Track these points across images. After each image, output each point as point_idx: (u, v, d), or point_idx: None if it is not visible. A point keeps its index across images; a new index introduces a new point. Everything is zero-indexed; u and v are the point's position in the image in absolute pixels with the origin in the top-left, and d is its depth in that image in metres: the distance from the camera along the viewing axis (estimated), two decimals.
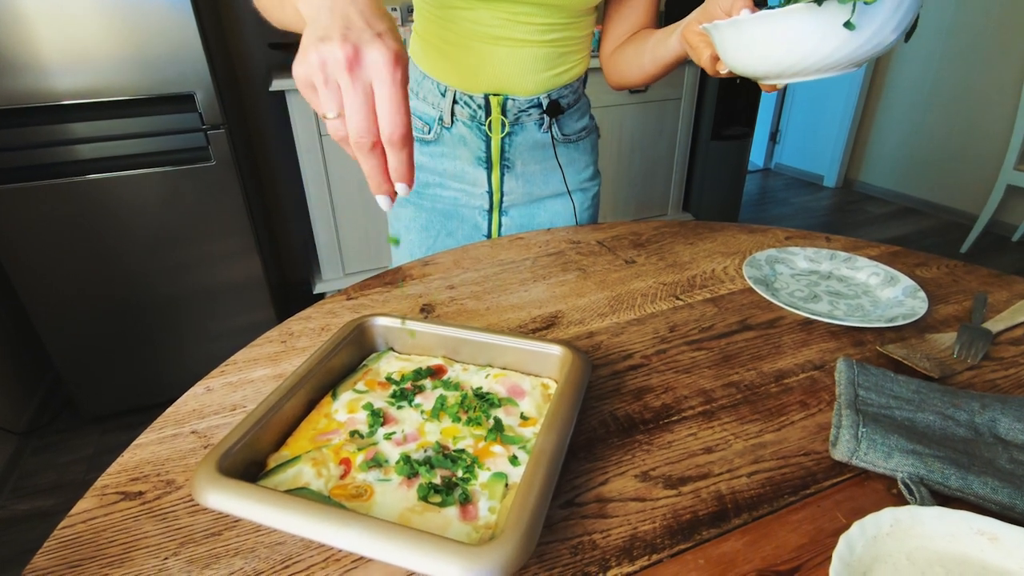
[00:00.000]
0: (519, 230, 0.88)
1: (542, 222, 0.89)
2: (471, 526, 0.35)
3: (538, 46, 0.74)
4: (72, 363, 1.64)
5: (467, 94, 0.77)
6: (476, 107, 0.78)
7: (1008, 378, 0.51)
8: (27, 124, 1.39)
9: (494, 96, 0.77)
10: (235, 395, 0.50)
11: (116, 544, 0.36)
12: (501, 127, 0.79)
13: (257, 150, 2.27)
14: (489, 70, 0.75)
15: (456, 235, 0.88)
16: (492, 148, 0.80)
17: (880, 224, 3.17)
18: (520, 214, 0.87)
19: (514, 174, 0.83)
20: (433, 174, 0.84)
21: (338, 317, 0.62)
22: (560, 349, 0.47)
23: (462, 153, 0.81)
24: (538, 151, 0.83)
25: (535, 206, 0.88)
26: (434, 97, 0.79)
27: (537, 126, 0.81)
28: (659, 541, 0.36)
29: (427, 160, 0.83)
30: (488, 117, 0.78)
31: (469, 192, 0.84)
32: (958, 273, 0.69)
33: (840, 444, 0.41)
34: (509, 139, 0.80)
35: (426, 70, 0.79)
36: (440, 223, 0.87)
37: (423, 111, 0.81)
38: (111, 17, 1.37)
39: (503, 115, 0.78)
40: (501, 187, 0.84)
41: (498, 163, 0.82)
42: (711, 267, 0.72)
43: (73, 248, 1.52)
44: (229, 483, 0.34)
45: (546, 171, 0.86)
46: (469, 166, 0.82)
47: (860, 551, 0.31)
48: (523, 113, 0.79)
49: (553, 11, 0.72)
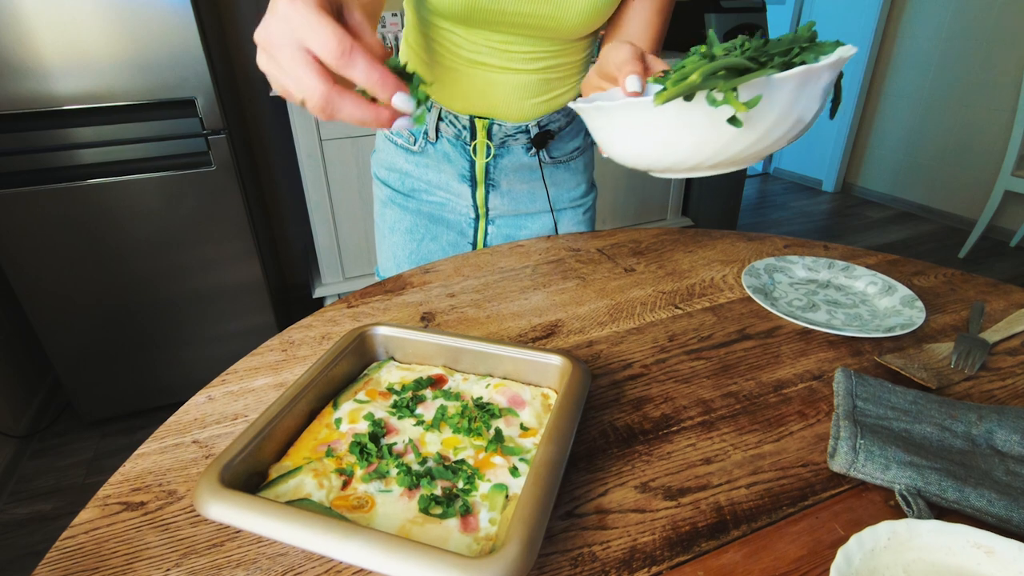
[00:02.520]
0: (505, 240, 0.86)
1: (528, 235, 0.87)
2: (472, 537, 0.35)
3: (526, 74, 0.71)
4: (72, 366, 1.64)
5: (453, 113, 0.75)
6: (461, 127, 0.75)
7: (1005, 388, 0.51)
8: (29, 129, 1.39)
9: (480, 119, 0.74)
10: (236, 404, 0.50)
11: (118, 555, 0.37)
12: (487, 151, 0.76)
13: (258, 155, 2.27)
14: (474, 94, 0.72)
15: (440, 240, 0.85)
16: (476, 169, 0.78)
17: (879, 229, 3.17)
18: (507, 224, 0.85)
19: (499, 192, 0.81)
20: (420, 180, 0.82)
21: (339, 325, 0.63)
22: (560, 359, 0.48)
23: (446, 168, 0.79)
24: (525, 172, 0.81)
25: (522, 218, 0.86)
26: None
27: (524, 150, 0.78)
28: (659, 553, 0.36)
29: (412, 168, 0.81)
30: (473, 140, 0.76)
31: (455, 201, 0.83)
32: (955, 282, 0.70)
33: (838, 455, 0.41)
34: (495, 161, 0.78)
35: None
36: (425, 227, 0.85)
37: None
38: (112, 22, 1.37)
39: (488, 139, 0.75)
40: (486, 203, 0.82)
41: (482, 182, 0.79)
42: (710, 276, 0.72)
43: (74, 252, 1.52)
44: (231, 495, 0.34)
45: (533, 191, 0.83)
46: (454, 181, 0.80)
47: (858, 564, 0.32)
48: (509, 137, 0.76)
49: (539, 41, 0.68)
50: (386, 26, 2.09)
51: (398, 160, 0.81)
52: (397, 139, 0.79)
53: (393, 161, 0.82)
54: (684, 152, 0.40)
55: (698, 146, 0.39)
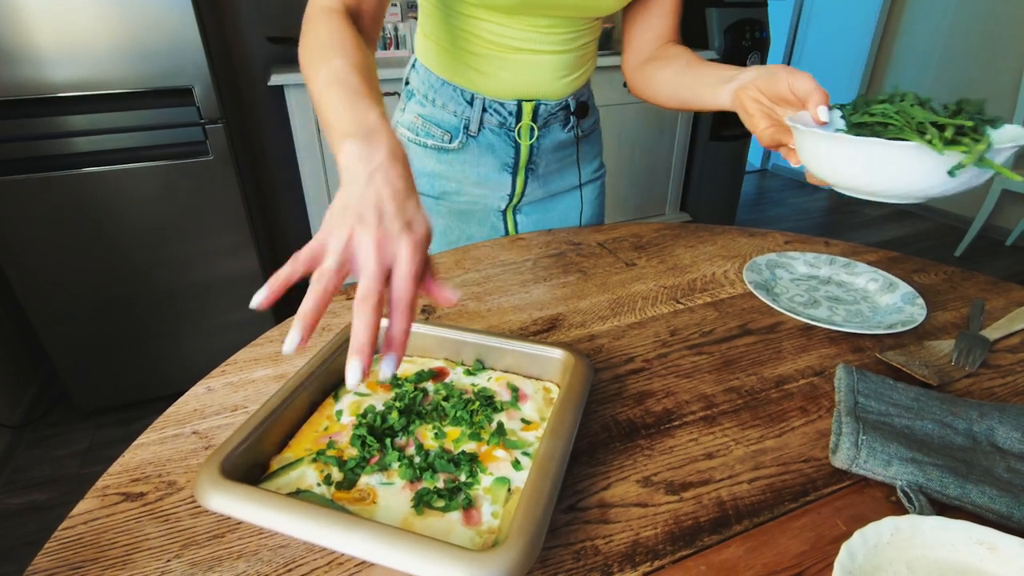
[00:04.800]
0: (534, 227, 0.88)
1: (554, 217, 0.89)
2: (474, 531, 0.35)
3: (566, 53, 0.74)
4: (67, 357, 1.63)
5: (497, 101, 0.76)
6: (507, 114, 0.77)
7: (1006, 386, 0.51)
8: (23, 116, 1.38)
9: (527, 102, 0.76)
10: (236, 395, 0.50)
11: (118, 546, 0.36)
12: (531, 132, 0.79)
13: (255, 145, 2.26)
14: (519, 78, 0.75)
15: (475, 238, 0.87)
16: (521, 153, 0.80)
17: (876, 226, 3.18)
18: (534, 210, 0.88)
19: (535, 176, 0.84)
20: (451, 181, 0.82)
21: (339, 317, 0.62)
22: (562, 353, 0.47)
23: (487, 160, 0.81)
24: (560, 151, 0.84)
25: (548, 202, 0.88)
26: (457, 105, 0.77)
27: (561, 127, 0.81)
28: (661, 547, 0.36)
29: (445, 168, 0.81)
30: (518, 123, 0.78)
31: (488, 195, 0.84)
32: (956, 280, 0.70)
33: (840, 451, 0.41)
34: (537, 142, 0.80)
35: (447, 77, 0.76)
36: (458, 227, 0.86)
37: (442, 119, 0.78)
38: (109, 7, 1.35)
39: (533, 120, 0.78)
40: (524, 190, 0.84)
41: (523, 168, 0.81)
42: (711, 271, 0.72)
43: (69, 241, 1.51)
44: (232, 486, 0.34)
45: (563, 168, 0.87)
46: (494, 172, 0.81)
47: (861, 560, 0.32)
48: (552, 116, 0.79)
49: (577, 21, 0.72)
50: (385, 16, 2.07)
51: (428, 163, 0.82)
52: (428, 140, 0.80)
53: (422, 165, 0.82)
54: (886, 184, 0.46)
55: (908, 185, 0.45)
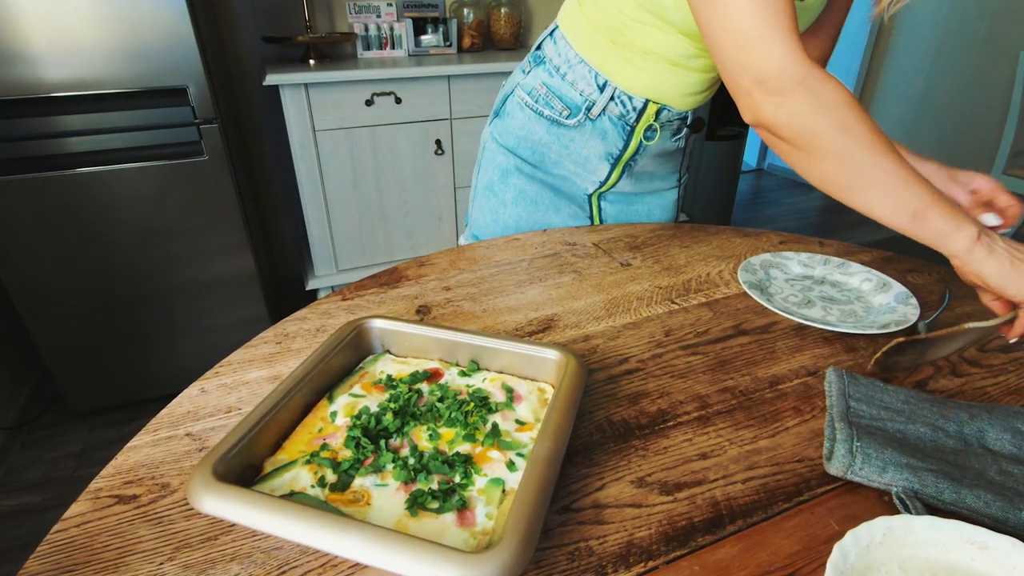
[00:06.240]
0: (617, 218, 0.91)
1: (638, 210, 0.92)
2: (468, 532, 0.35)
3: (706, 72, 0.75)
4: (61, 357, 1.62)
5: (627, 93, 0.77)
6: (631, 109, 0.78)
7: (998, 385, 0.51)
8: (16, 115, 1.37)
9: (653, 103, 0.77)
10: (230, 397, 0.50)
11: (111, 549, 0.36)
12: (645, 131, 0.80)
13: (250, 145, 2.25)
14: (660, 84, 0.76)
15: (562, 212, 0.88)
16: (629, 147, 0.81)
17: (871, 225, 3.19)
18: (619, 199, 0.90)
19: (631, 172, 0.85)
20: (554, 152, 0.84)
21: (334, 318, 0.62)
22: (557, 353, 0.47)
23: (595, 145, 0.82)
24: (660, 156, 0.86)
25: (636, 197, 0.91)
26: (586, 85, 0.77)
27: (671, 135, 0.83)
28: (655, 548, 0.36)
29: (553, 140, 0.83)
30: (638, 120, 0.79)
31: (582, 176, 0.85)
32: (949, 279, 0.70)
33: (835, 459, 0.41)
34: (644, 144, 0.82)
35: (588, 58, 0.76)
36: (550, 198, 0.88)
37: (568, 94, 0.79)
38: (103, 8, 1.35)
39: (654, 121, 0.80)
40: (617, 181, 0.86)
41: (625, 161, 0.83)
42: (706, 271, 0.72)
43: (63, 242, 1.50)
44: (225, 488, 0.34)
45: (656, 172, 0.89)
46: (596, 157, 0.83)
47: (853, 559, 0.32)
48: (669, 123, 0.81)
49: None
50: (381, 15, 2.07)
51: (537, 130, 0.83)
52: (545, 110, 0.81)
53: (531, 130, 0.83)
54: None
55: None
